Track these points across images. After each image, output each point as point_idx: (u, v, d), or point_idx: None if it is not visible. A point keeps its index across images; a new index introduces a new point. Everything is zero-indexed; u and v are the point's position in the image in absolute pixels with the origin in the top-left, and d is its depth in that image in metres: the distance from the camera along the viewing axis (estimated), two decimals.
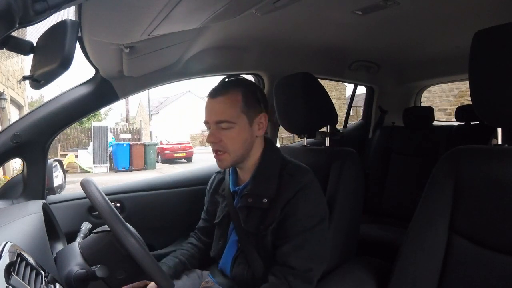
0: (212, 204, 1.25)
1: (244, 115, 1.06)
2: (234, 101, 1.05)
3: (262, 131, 1.10)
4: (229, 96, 1.05)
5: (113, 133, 15.49)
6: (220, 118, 1.04)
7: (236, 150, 1.06)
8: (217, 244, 1.19)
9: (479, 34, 0.83)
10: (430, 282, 0.88)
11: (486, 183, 0.83)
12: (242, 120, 1.05)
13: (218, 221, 1.19)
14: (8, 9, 0.46)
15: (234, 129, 1.05)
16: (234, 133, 1.05)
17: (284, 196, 1.03)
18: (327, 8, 1.30)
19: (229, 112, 1.04)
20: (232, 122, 1.04)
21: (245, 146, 1.07)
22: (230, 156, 1.07)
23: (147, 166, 12.61)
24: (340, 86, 19.88)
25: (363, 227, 1.74)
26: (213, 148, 1.08)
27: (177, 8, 0.75)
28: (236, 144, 1.06)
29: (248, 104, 1.06)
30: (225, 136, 1.05)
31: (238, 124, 1.05)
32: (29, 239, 0.84)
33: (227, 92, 1.06)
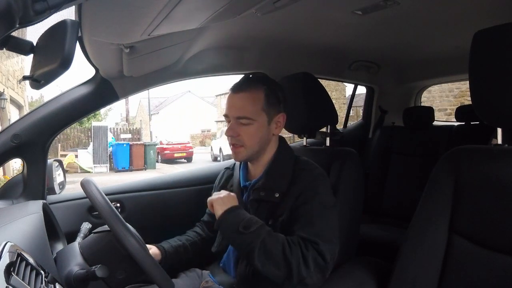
0: None
1: (264, 113, 1.08)
2: (256, 98, 1.08)
3: (279, 130, 1.14)
4: (251, 93, 1.08)
5: (113, 133, 15.49)
6: (240, 114, 1.07)
7: (252, 146, 1.09)
8: (221, 240, 1.19)
9: (479, 34, 0.83)
10: (430, 282, 0.88)
11: (486, 183, 0.83)
12: (261, 117, 1.08)
13: None
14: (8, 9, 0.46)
15: (253, 125, 1.07)
16: (252, 129, 1.07)
17: (297, 187, 1.05)
18: (327, 8, 1.30)
19: (250, 108, 1.07)
20: (252, 119, 1.07)
21: (261, 143, 1.10)
22: (246, 150, 1.09)
23: (147, 166, 12.62)
24: (340, 86, 19.87)
25: (363, 227, 1.74)
26: (230, 141, 1.11)
27: (177, 8, 0.75)
28: (253, 140, 1.08)
29: (269, 103, 1.09)
30: (243, 131, 1.08)
31: (258, 121, 1.07)
32: (29, 239, 0.84)
33: (250, 89, 1.08)
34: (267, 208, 1.08)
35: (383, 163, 2.37)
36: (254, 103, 1.07)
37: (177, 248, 1.20)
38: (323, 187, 1.06)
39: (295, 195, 1.05)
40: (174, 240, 1.24)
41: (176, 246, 1.21)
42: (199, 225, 1.34)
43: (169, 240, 1.23)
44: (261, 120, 1.08)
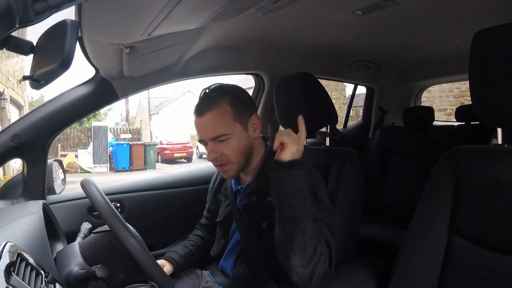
0: (214, 203, 1.26)
1: (237, 123, 1.04)
2: (223, 111, 1.03)
3: (257, 132, 1.10)
4: (216, 108, 1.02)
5: (113, 133, 15.49)
6: (215, 134, 1.02)
7: (239, 159, 1.06)
8: (218, 243, 1.19)
9: (479, 34, 0.83)
10: (430, 282, 0.88)
11: (486, 183, 0.83)
12: (236, 128, 1.04)
13: (221, 219, 1.19)
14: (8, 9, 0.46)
15: (231, 139, 1.03)
16: (232, 143, 1.04)
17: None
18: (327, 8, 1.30)
19: (222, 125, 1.02)
20: (228, 133, 1.03)
21: (246, 152, 1.07)
22: (234, 165, 1.06)
23: (147, 166, 12.61)
24: (340, 86, 19.86)
25: (363, 227, 1.73)
26: (215, 163, 1.07)
27: (177, 8, 0.75)
28: (237, 153, 1.05)
29: (237, 110, 1.04)
30: (224, 148, 1.04)
31: (234, 133, 1.04)
32: (29, 239, 0.84)
33: (213, 105, 1.03)
34: (260, 212, 1.06)
35: (383, 163, 2.37)
36: (224, 117, 1.03)
37: (186, 257, 1.21)
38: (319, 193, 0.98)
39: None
40: (180, 248, 1.24)
41: (184, 254, 1.21)
42: (199, 228, 1.34)
43: (176, 249, 1.23)
44: (237, 130, 1.04)
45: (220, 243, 1.18)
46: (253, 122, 1.08)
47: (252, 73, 1.91)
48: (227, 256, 1.15)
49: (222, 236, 1.18)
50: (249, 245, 1.08)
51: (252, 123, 1.08)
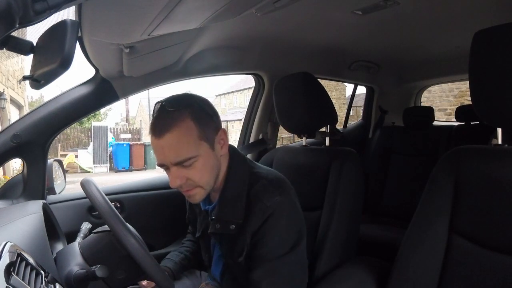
0: (192, 213, 1.21)
1: (203, 141, 0.90)
2: (186, 129, 0.88)
3: (225, 148, 0.97)
4: (178, 127, 0.87)
5: (113, 133, 15.47)
6: (179, 159, 0.88)
7: (207, 181, 0.93)
8: (204, 255, 1.16)
9: (479, 34, 0.83)
10: (430, 282, 0.88)
11: (486, 183, 0.83)
12: (203, 147, 0.90)
13: (199, 235, 1.14)
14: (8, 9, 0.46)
15: (198, 161, 0.89)
16: (199, 165, 0.90)
17: (251, 223, 0.93)
18: (327, 8, 1.30)
19: (186, 147, 0.88)
20: (194, 156, 0.88)
21: (214, 172, 0.95)
22: (203, 189, 0.94)
23: (147, 166, 12.61)
24: (340, 86, 19.88)
25: (363, 227, 1.73)
26: (180, 189, 0.94)
27: (177, 8, 0.75)
28: (205, 175, 0.92)
29: (202, 126, 0.90)
30: (190, 173, 0.90)
31: (201, 154, 0.89)
32: (29, 239, 0.84)
33: (174, 124, 0.87)
34: (227, 241, 0.99)
35: (383, 163, 2.37)
36: (188, 137, 0.88)
37: (182, 263, 1.19)
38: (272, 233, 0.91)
39: (250, 232, 0.93)
40: (175, 254, 1.21)
41: (180, 261, 1.19)
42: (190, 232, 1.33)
43: (170, 256, 1.21)
44: (204, 150, 0.90)
45: (205, 256, 1.15)
46: (220, 138, 0.95)
47: (252, 73, 1.91)
48: (215, 268, 1.13)
49: (206, 251, 1.14)
50: (231, 262, 1.01)
51: (219, 138, 0.95)
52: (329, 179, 1.28)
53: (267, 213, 0.91)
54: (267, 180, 0.96)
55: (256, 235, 0.92)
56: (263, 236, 0.92)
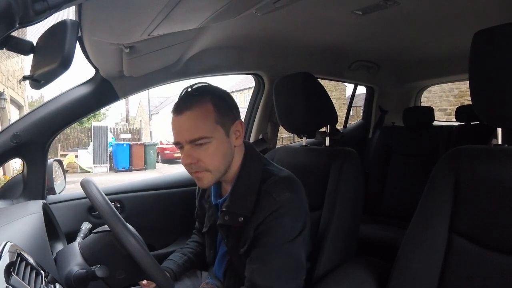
0: (201, 209, 1.23)
1: (220, 126, 0.94)
2: (206, 112, 0.92)
3: (240, 140, 1.00)
4: (198, 108, 0.92)
5: (113, 133, 15.48)
6: (194, 136, 0.91)
7: (218, 167, 0.96)
8: (209, 252, 1.17)
9: (479, 34, 0.83)
10: (430, 282, 0.88)
11: (486, 183, 0.83)
12: (218, 132, 0.94)
13: (206, 230, 1.15)
14: (8, 9, 0.46)
15: (211, 143, 0.92)
16: (212, 148, 0.93)
17: (258, 215, 0.94)
18: (327, 8, 1.30)
19: (203, 126, 0.92)
20: (208, 137, 0.92)
21: (226, 160, 0.97)
22: (211, 174, 0.96)
23: (147, 166, 12.61)
24: (340, 86, 19.87)
25: (363, 227, 1.73)
26: (190, 170, 0.96)
27: (177, 8, 0.75)
28: (216, 160, 0.94)
29: (221, 113, 0.94)
30: (202, 154, 0.93)
31: (215, 138, 0.93)
32: (29, 239, 0.84)
33: (195, 104, 0.92)
34: (234, 232, 0.99)
35: (383, 163, 2.37)
36: (205, 119, 0.92)
37: (184, 265, 1.19)
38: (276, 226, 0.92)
39: (255, 224, 0.94)
40: (178, 256, 1.21)
41: (182, 263, 1.19)
42: (195, 232, 1.33)
43: (173, 257, 1.21)
44: (219, 135, 0.93)
45: (210, 253, 1.16)
46: (236, 129, 0.98)
47: (252, 73, 1.91)
48: (218, 266, 1.13)
49: (211, 247, 1.15)
50: (236, 260, 1.02)
51: (235, 129, 0.98)
52: (329, 179, 1.28)
53: (274, 207, 0.92)
54: (279, 177, 0.98)
55: (259, 227, 0.93)
56: (266, 228, 0.93)
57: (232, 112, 0.99)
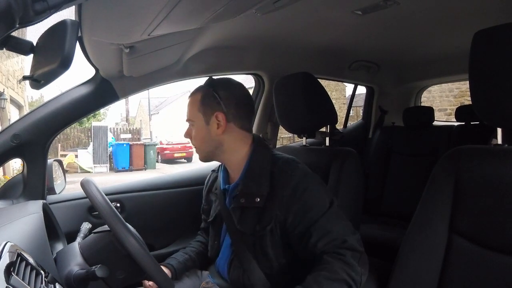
0: (208, 203, 1.26)
1: (200, 114, 1.09)
2: (194, 101, 1.11)
3: (221, 129, 1.08)
4: (193, 96, 1.12)
5: (113, 133, 15.48)
6: (187, 117, 1.13)
7: (199, 146, 1.12)
8: (212, 243, 1.19)
9: (479, 34, 0.83)
10: (430, 282, 0.88)
11: (486, 183, 0.83)
12: (198, 118, 1.10)
13: (211, 220, 1.19)
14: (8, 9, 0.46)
15: (193, 127, 1.12)
16: (194, 131, 1.12)
17: (280, 194, 1.00)
18: (327, 8, 1.30)
19: (190, 110, 1.12)
20: (192, 120, 1.11)
21: (206, 144, 1.11)
22: (198, 151, 1.14)
23: (147, 166, 12.61)
24: (340, 86, 19.87)
25: (363, 227, 1.74)
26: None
27: (177, 8, 0.75)
28: (196, 141, 1.12)
29: (204, 103, 1.09)
30: (192, 133, 1.13)
31: (196, 123, 1.11)
32: (29, 239, 0.84)
33: (193, 93, 1.13)
34: (251, 214, 1.04)
35: (383, 163, 2.37)
36: (192, 105, 1.11)
37: (185, 263, 1.20)
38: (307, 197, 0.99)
39: (279, 203, 1.00)
40: (180, 254, 1.23)
41: (183, 261, 1.20)
42: (200, 233, 1.34)
43: (176, 256, 1.23)
44: (198, 121, 1.10)
45: (214, 244, 1.18)
46: (217, 119, 1.08)
47: (252, 73, 1.91)
48: (222, 258, 1.15)
49: (215, 237, 1.17)
50: (241, 250, 1.06)
51: (216, 120, 1.08)
52: (329, 179, 1.28)
53: (293, 181, 1.01)
54: (287, 157, 1.10)
55: (292, 206, 0.99)
56: (301, 204, 0.99)
57: (217, 104, 1.08)
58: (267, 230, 1.01)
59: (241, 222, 1.06)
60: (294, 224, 0.99)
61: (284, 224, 1.00)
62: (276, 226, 1.01)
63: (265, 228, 1.02)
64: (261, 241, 1.03)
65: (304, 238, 0.97)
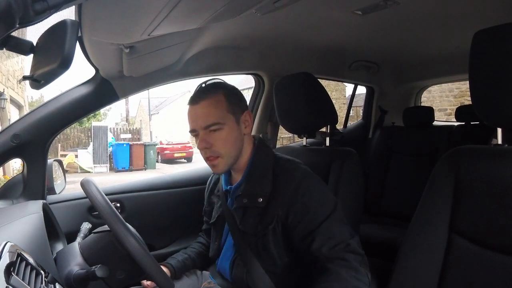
0: (209, 205, 1.26)
1: (231, 114, 1.05)
2: (218, 101, 1.04)
3: (248, 129, 1.10)
4: (211, 98, 1.03)
5: (113, 133, 15.48)
6: (208, 122, 1.02)
7: (229, 153, 1.05)
8: (213, 245, 1.19)
9: (479, 34, 0.83)
10: (430, 282, 0.88)
11: (486, 183, 0.83)
12: (229, 119, 1.04)
13: (213, 221, 1.19)
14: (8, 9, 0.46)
15: (223, 130, 1.03)
16: (224, 134, 1.03)
17: (282, 194, 1.01)
18: (327, 8, 1.30)
19: (216, 113, 1.02)
20: (221, 123, 1.02)
21: (237, 146, 1.06)
22: (224, 159, 1.04)
23: (147, 166, 12.61)
24: (340, 86, 19.87)
25: (363, 227, 1.74)
26: (204, 155, 1.06)
27: (177, 8, 0.75)
28: (228, 145, 1.04)
29: (231, 103, 1.05)
30: (216, 139, 1.03)
31: (227, 124, 1.03)
32: (29, 239, 0.84)
33: (209, 95, 1.04)
34: (253, 214, 1.05)
35: (383, 163, 2.37)
36: (218, 107, 1.03)
37: (185, 262, 1.21)
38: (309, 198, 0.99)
39: (281, 203, 1.00)
40: (180, 254, 1.24)
41: (183, 260, 1.21)
42: (201, 235, 1.34)
43: (176, 256, 1.23)
44: (230, 121, 1.04)
45: (215, 245, 1.18)
46: (245, 118, 1.08)
47: (252, 73, 1.91)
48: (224, 258, 1.15)
49: (217, 238, 1.18)
50: (243, 249, 1.06)
51: (244, 119, 1.08)
52: (329, 179, 1.28)
53: (295, 182, 1.00)
54: (288, 157, 1.10)
55: (293, 205, 0.99)
56: (302, 203, 0.98)
57: (242, 103, 1.09)
58: (269, 229, 1.02)
59: (243, 222, 1.06)
60: (294, 223, 0.99)
61: (285, 223, 1.01)
62: (278, 225, 1.01)
63: (267, 227, 1.02)
64: (263, 240, 1.03)
65: (307, 241, 0.97)
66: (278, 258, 1.03)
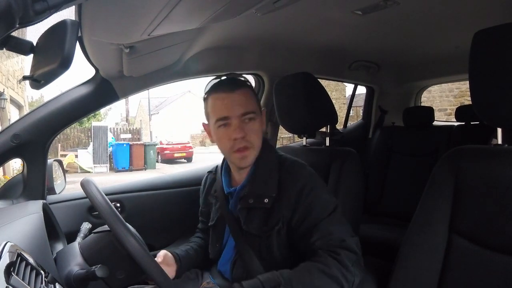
0: (206, 206, 1.25)
1: (258, 108, 1.07)
2: (252, 92, 1.06)
3: (264, 126, 1.11)
4: (246, 88, 1.05)
5: (113, 133, 15.49)
6: (247, 109, 1.01)
7: (258, 145, 1.05)
8: (214, 247, 1.18)
9: (479, 34, 0.83)
10: (430, 282, 0.88)
11: (486, 183, 0.83)
12: (259, 112, 1.06)
13: (213, 223, 1.17)
14: (8, 9, 0.46)
15: (256, 120, 1.03)
16: (257, 125, 1.03)
17: (287, 195, 1.01)
18: (327, 8, 1.30)
19: (252, 102, 1.04)
20: (256, 112, 1.03)
21: (261, 141, 1.07)
22: (254, 151, 1.04)
23: (147, 166, 12.61)
24: (340, 86, 19.88)
25: (363, 227, 1.73)
26: (235, 146, 1.02)
27: (177, 8, 0.75)
28: (258, 137, 1.04)
29: (256, 98, 1.08)
30: (250, 129, 1.01)
31: (258, 116, 1.05)
32: (29, 239, 0.84)
33: (243, 86, 1.05)
34: (258, 214, 1.04)
35: (383, 163, 2.37)
36: (253, 97, 1.05)
37: (188, 251, 1.20)
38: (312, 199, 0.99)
39: (286, 204, 1.00)
40: (182, 246, 1.24)
41: (186, 249, 1.20)
42: (198, 231, 1.33)
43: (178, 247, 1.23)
44: (260, 114, 1.07)
45: (215, 247, 1.17)
46: (263, 115, 1.10)
47: (252, 73, 1.91)
48: (224, 259, 1.14)
49: (217, 241, 1.16)
50: (245, 250, 1.05)
51: (263, 115, 1.10)
52: (329, 179, 1.28)
53: (300, 184, 1.00)
54: (294, 159, 1.10)
55: (298, 206, 0.99)
56: (307, 205, 0.99)
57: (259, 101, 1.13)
58: (275, 230, 1.01)
59: (248, 222, 1.05)
60: (298, 223, 1.00)
61: (290, 224, 1.01)
62: (283, 227, 1.01)
63: (273, 228, 1.01)
64: (267, 241, 1.03)
65: (305, 238, 0.98)
66: (282, 260, 1.02)
